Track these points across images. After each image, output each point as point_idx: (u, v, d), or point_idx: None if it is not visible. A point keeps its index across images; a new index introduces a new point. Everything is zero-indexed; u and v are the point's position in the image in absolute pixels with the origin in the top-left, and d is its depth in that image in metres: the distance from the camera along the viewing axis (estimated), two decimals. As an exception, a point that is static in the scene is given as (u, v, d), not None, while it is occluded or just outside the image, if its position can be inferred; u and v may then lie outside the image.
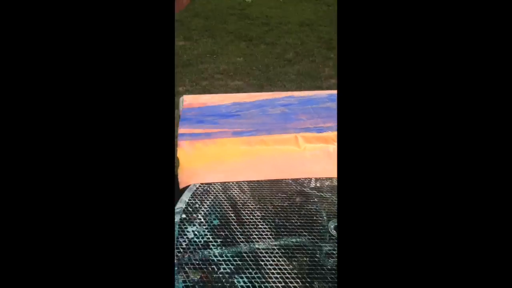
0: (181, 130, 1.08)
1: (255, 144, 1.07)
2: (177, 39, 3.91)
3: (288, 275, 0.62)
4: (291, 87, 2.87)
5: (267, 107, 1.32)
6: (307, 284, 0.61)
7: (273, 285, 0.60)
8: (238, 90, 2.87)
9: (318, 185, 0.90)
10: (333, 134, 1.13)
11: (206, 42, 3.93)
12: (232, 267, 0.63)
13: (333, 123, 1.19)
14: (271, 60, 3.49)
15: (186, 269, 0.62)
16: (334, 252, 0.68)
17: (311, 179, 0.92)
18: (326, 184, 0.90)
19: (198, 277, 0.60)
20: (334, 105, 1.37)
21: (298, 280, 0.61)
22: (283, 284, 0.61)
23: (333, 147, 1.08)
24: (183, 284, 0.59)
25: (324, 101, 1.41)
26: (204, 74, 3.12)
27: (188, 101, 1.28)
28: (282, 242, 0.70)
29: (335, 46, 3.80)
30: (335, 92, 1.56)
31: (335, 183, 0.91)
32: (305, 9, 4.96)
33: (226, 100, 1.33)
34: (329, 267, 0.64)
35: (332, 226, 0.75)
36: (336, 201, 0.84)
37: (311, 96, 1.46)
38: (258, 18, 4.61)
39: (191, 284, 0.59)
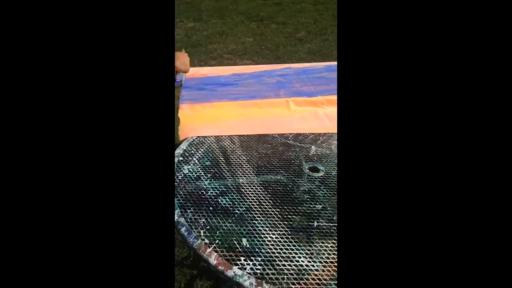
0: (182, 94, 1.26)
1: (249, 107, 1.23)
2: (187, 21, 4.09)
3: (262, 198, 0.80)
4: (300, 66, 2.99)
5: (264, 77, 1.47)
6: (277, 205, 0.78)
7: (249, 204, 0.78)
8: (246, 69, 3.02)
9: (300, 138, 1.06)
10: (323, 98, 1.27)
11: (215, 23, 4.09)
12: (217, 192, 0.81)
13: (325, 88, 1.34)
14: (282, 39, 3.60)
15: (181, 193, 0.80)
16: (306, 185, 0.85)
17: (295, 134, 1.08)
18: (309, 138, 1.06)
19: (191, 200, 0.79)
20: (329, 74, 1.51)
21: (270, 202, 0.79)
22: (257, 203, 0.78)
23: (322, 110, 1.23)
24: (178, 203, 0.77)
25: (320, 71, 1.55)
26: (213, 54, 3.29)
27: (190, 72, 1.46)
28: (262, 178, 0.87)
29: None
30: (333, 63, 1.69)
31: (317, 137, 1.07)
32: (320, -14, 4.99)
33: (226, 71, 1.50)
34: (301, 199, 0.81)
35: (307, 167, 0.91)
36: (313, 149, 1.00)
37: (308, 67, 1.60)
38: (270, -2, 4.71)
39: (184, 202, 0.78)
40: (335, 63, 1.72)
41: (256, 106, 1.22)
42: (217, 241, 0.68)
